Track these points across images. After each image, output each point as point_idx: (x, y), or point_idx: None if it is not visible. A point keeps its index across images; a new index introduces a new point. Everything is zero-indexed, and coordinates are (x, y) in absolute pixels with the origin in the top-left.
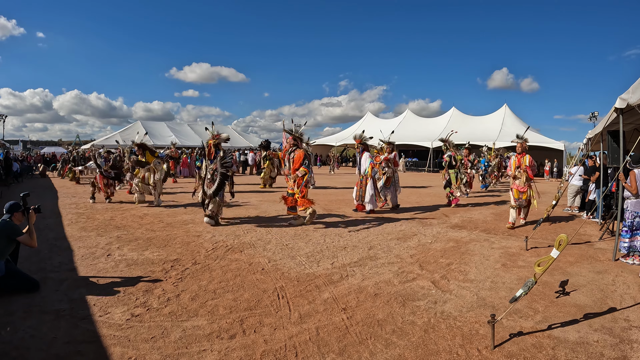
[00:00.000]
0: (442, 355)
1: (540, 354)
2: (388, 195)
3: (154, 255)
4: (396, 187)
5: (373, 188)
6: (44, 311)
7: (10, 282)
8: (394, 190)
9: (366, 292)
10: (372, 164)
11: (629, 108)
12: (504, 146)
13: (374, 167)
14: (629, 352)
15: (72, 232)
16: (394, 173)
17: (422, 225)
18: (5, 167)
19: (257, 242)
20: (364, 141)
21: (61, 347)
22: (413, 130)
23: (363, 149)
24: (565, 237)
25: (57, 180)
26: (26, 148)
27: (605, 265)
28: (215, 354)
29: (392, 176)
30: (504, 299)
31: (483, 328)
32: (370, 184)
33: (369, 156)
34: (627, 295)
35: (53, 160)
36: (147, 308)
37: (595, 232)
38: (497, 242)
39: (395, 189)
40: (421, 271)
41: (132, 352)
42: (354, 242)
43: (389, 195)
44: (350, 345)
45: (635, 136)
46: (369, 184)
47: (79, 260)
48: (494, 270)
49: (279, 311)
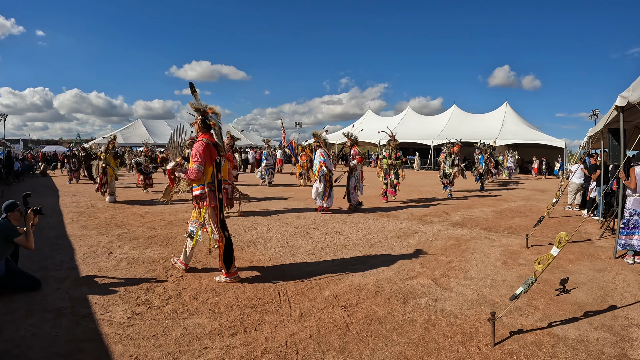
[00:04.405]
0: (443, 352)
1: (541, 352)
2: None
3: (155, 254)
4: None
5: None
6: (45, 309)
7: (11, 281)
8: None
9: (367, 289)
10: (322, 163)
11: (629, 106)
12: (505, 144)
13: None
14: (629, 350)
15: (73, 231)
16: (353, 170)
17: (422, 223)
18: (7, 166)
19: (258, 240)
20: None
21: (63, 346)
22: (414, 128)
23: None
24: (565, 235)
25: (57, 179)
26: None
27: (606, 263)
28: (216, 352)
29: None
30: (504, 296)
31: (483, 326)
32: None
33: (321, 154)
34: (628, 293)
35: (54, 159)
36: (148, 306)
37: (596, 230)
38: (498, 240)
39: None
40: (422, 269)
41: (133, 350)
42: (354, 240)
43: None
44: (351, 343)
45: (636, 134)
46: (316, 182)
47: (80, 259)
48: (495, 268)
49: (279, 309)
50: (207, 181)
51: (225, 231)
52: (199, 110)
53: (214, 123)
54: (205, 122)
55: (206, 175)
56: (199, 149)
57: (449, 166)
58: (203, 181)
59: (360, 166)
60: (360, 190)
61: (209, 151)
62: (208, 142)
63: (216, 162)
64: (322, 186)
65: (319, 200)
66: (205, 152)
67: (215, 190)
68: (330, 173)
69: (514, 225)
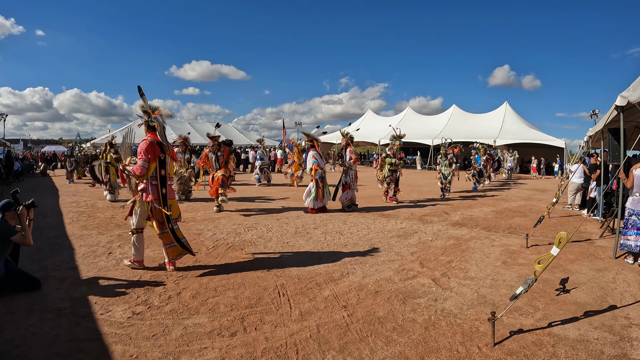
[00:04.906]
0: (443, 352)
1: (541, 352)
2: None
3: (155, 253)
4: (351, 185)
5: (315, 187)
6: (45, 309)
7: (11, 281)
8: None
9: (367, 289)
10: (317, 165)
11: (629, 106)
12: (505, 144)
13: (318, 169)
14: (629, 350)
15: (73, 231)
16: (349, 170)
17: (422, 222)
18: (7, 166)
19: (257, 240)
20: (349, 137)
21: (63, 346)
22: (413, 128)
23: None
24: (565, 234)
25: (57, 179)
26: (27, 147)
27: (606, 263)
28: (216, 352)
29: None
30: (504, 296)
31: (483, 325)
32: (313, 183)
33: (314, 156)
34: (628, 293)
35: (54, 159)
36: (148, 306)
37: (596, 230)
38: (498, 240)
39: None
40: (422, 269)
41: (133, 350)
42: (354, 239)
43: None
44: (351, 343)
45: (636, 134)
46: (311, 182)
47: (80, 259)
48: (495, 267)
49: (279, 309)
50: (150, 175)
51: (169, 223)
52: (146, 112)
53: (157, 124)
54: (148, 123)
55: (149, 171)
56: (142, 147)
57: (446, 167)
58: (147, 176)
59: (354, 166)
60: (355, 189)
61: (152, 149)
62: (152, 140)
63: (160, 159)
64: (314, 187)
65: (308, 201)
66: (148, 150)
67: (157, 185)
68: (324, 174)
69: (514, 225)
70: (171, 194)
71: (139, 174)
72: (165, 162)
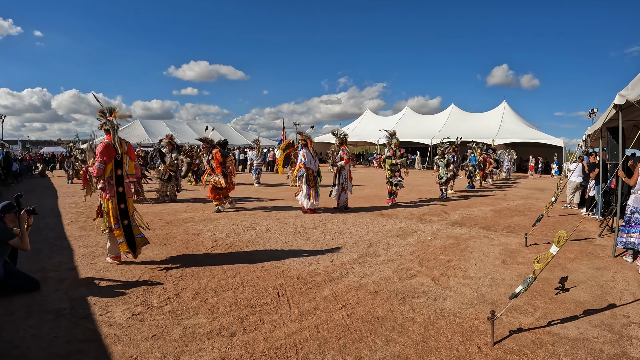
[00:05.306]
0: (442, 351)
1: (540, 350)
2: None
3: (154, 254)
4: (344, 185)
5: (307, 187)
6: (44, 310)
7: (10, 282)
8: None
9: (366, 289)
10: (302, 163)
11: (628, 104)
12: (503, 143)
13: (302, 167)
14: (628, 349)
15: (72, 232)
16: (341, 170)
17: (421, 222)
18: (5, 167)
19: (257, 240)
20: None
21: (62, 346)
22: (412, 127)
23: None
24: (564, 233)
25: (56, 179)
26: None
27: (605, 261)
28: (215, 352)
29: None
30: (503, 295)
31: (483, 325)
32: (304, 182)
33: (303, 154)
34: (627, 292)
35: (52, 160)
36: (147, 307)
37: (595, 229)
38: (497, 239)
39: (344, 188)
40: (421, 268)
41: (132, 351)
42: (353, 239)
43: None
44: (351, 342)
45: (634, 132)
46: (302, 182)
47: (79, 260)
48: (494, 267)
49: (279, 309)
50: (107, 176)
51: (124, 220)
52: (103, 115)
53: (110, 127)
54: (103, 126)
55: (106, 171)
56: (98, 150)
57: (443, 167)
58: (104, 176)
59: (348, 166)
60: (349, 190)
61: (107, 151)
62: (108, 142)
63: (116, 160)
64: (305, 187)
65: (302, 200)
66: (104, 152)
67: (113, 184)
68: (314, 173)
69: (513, 224)
70: (129, 193)
71: (96, 174)
72: (122, 162)
